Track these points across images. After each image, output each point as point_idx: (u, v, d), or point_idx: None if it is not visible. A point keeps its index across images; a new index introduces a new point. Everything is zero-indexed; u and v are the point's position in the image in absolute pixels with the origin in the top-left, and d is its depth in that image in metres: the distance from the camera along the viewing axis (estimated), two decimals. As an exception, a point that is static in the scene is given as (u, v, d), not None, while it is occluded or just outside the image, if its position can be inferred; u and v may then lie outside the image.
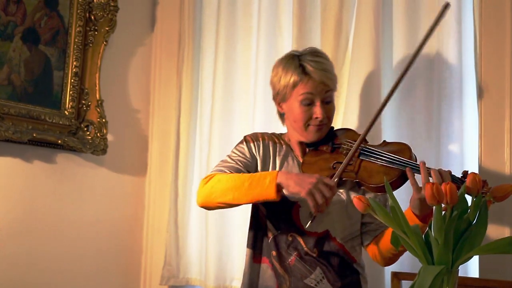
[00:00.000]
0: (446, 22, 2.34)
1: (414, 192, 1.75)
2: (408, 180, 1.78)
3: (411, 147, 1.89)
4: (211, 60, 2.93)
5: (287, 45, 2.64)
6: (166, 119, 3.08)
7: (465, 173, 1.76)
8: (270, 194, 1.80)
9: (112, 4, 2.86)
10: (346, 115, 2.43)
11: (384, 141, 2.00)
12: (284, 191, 1.82)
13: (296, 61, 1.95)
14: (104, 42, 2.85)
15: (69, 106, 2.73)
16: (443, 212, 1.41)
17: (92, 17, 2.83)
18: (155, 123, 3.11)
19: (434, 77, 2.37)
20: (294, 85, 1.93)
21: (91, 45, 2.82)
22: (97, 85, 2.83)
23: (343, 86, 2.47)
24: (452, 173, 1.77)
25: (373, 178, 1.84)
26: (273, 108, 2.62)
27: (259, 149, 2.01)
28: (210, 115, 2.88)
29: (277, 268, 1.94)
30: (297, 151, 2.03)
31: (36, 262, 2.60)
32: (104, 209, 2.89)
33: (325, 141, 1.99)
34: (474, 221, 1.43)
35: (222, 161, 2.02)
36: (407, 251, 1.52)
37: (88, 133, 2.80)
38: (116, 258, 2.95)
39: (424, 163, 1.76)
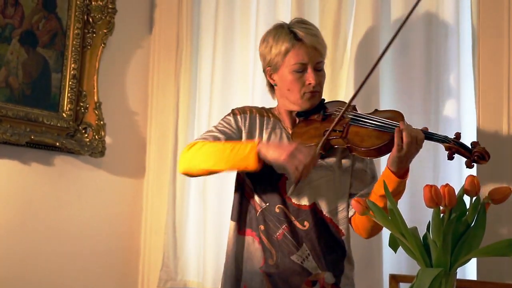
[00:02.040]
0: (443, 20, 2.35)
1: (395, 150, 1.76)
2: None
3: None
4: (209, 62, 2.93)
5: (285, 47, 2.64)
6: (164, 121, 3.08)
7: (457, 135, 1.79)
8: (250, 162, 1.80)
9: (110, 6, 2.86)
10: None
11: (376, 109, 2.00)
12: (265, 158, 1.81)
13: (286, 29, 1.95)
14: (102, 45, 2.85)
15: (67, 108, 2.73)
16: (442, 215, 1.41)
17: (90, 20, 2.83)
18: (153, 125, 3.11)
19: (432, 78, 2.37)
20: (286, 52, 1.92)
21: (89, 47, 2.82)
22: (95, 88, 2.83)
23: (342, 87, 2.47)
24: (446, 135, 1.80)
25: (365, 141, 1.84)
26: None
27: (245, 122, 2.01)
28: (208, 117, 2.88)
29: (264, 242, 1.93)
30: (287, 122, 2.02)
31: (34, 263, 2.60)
32: (102, 211, 2.89)
33: (316, 110, 1.98)
34: (473, 224, 1.43)
35: (207, 130, 2.03)
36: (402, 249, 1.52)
37: (86, 135, 2.80)
38: (113, 259, 2.95)
39: (399, 129, 1.77)
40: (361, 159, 1.96)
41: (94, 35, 2.83)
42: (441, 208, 1.40)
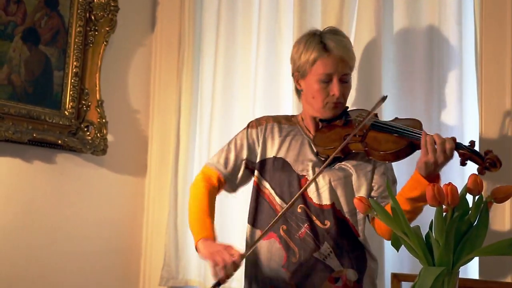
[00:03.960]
0: (446, 21, 2.34)
1: (422, 156, 1.80)
2: (415, 150, 1.86)
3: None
4: (211, 61, 2.93)
5: (287, 47, 2.63)
6: (166, 120, 3.08)
7: (472, 143, 1.82)
8: (195, 245, 1.98)
9: (112, 4, 2.86)
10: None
11: (396, 117, 2.05)
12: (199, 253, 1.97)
13: (318, 38, 2.00)
14: (105, 42, 2.85)
15: (69, 106, 2.73)
16: (444, 214, 1.41)
17: (93, 17, 2.83)
18: (155, 124, 3.11)
19: (434, 78, 2.37)
20: (314, 61, 1.97)
21: (91, 45, 2.82)
22: (97, 85, 2.83)
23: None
24: (458, 141, 1.83)
25: (382, 145, 1.89)
26: (273, 108, 2.64)
27: (260, 134, 2.10)
28: (210, 116, 2.88)
29: (287, 241, 1.98)
30: (311, 127, 2.08)
31: (35, 261, 2.60)
32: (103, 209, 2.89)
33: (339, 117, 2.04)
34: (475, 223, 1.43)
35: (221, 149, 2.16)
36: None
37: (88, 133, 2.79)
38: (115, 258, 2.94)
39: (425, 134, 1.82)
40: (381, 163, 2.00)
41: (96, 33, 2.83)
42: (443, 207, 1.40)
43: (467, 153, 1.80)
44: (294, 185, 2.00)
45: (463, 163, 1.81)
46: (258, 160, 2.09)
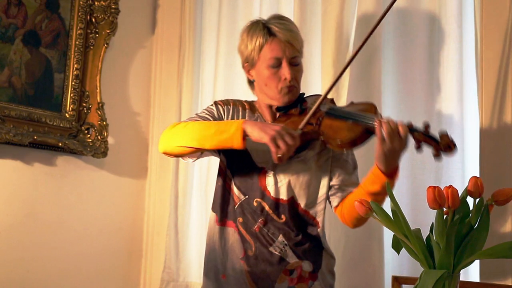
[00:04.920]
0: (446, 23, 2.35)
1: (379, 144, 1.77)
2: (371, 137, 1.83)
3: (413, 150, 1.88)
4: (211, 63, 2.93)
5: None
6: (166, 122, 3.08)
7: (426, 126, 1.78)
8: (235, 140, 1.82)
9: (113, 6, 2.86)
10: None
11: (352, 102, 2.03)
12: (250, 136, 1.83)
13: (261, 24, 1.97)
14: (105, 45, 2.85)
15: (70, 108, 2.73)
16: (445, 216, 1.41)
17: (93, 20, 2.83)
18: (155, 126, 3.11)
19: (434, 79, 2.37)
20: (261, 47, 1.94)
21: (92, 47, 2.82)
22: (98, 88, 2.83)
23: (344, 88, 2.47)
24: (413, 124, 1.80)
25: (338, 134, 1.86)
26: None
27: (228, 112, 2.03)
28: (210, 118, 2.88)
29: (243, 234, 1.97)
30: (267, 116, 2.05)
31: (35, 264, 2.60)
32: (104, 212, 2.89)
33: (295, 104, 2.00)
34: (476, 225, 1.42)
35: (189, 117, 2.05)
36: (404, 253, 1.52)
37: (88, 135, 2.80)
38: (115, 260, 2.94)
39: (379, 122, 1.78)
40: None
41: (97, 35, 2.83)
42: (444, 209, 1.40)
43: (421, 137, 1.77)
44: (254, 177, 1.97)
45: (417, 147, 1.78)
46: None
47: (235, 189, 1.99)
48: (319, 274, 1.97)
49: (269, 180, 1.96)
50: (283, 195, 1.96)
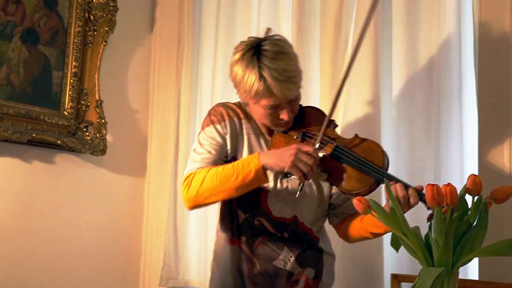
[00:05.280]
0: (445, 23, 2.34)
1: (387, 203, 1.73)
2: (380, 184, 1.80)
3: (411, 148, 1.89)
4: (210, 61, 2.93)
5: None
6: (165, 120, 3.08)
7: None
8: (260, 180, 1.80)
9: (111, 4, 2.86)
10: (345, 116, 2.43)
11: (356, 135, 1.94)
12: (270, 169, 1.80)
13: (256, 68, 1.81)
14: (104, 42, 2.84)
15: (68, 106, 2.73)
16: (443, 214, 1.41)
17: (92, 17, 2.83)
18: (154, 124, 3.11)
19: (433, 78, 2.37)
20: (256, 96, 1.83)
21: (90, 45, 2.82)
22: (97, 86, 2.83)
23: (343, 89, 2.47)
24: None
25: (346, 182, 1.82)
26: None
27: (226, 129, 1.96)
28: (209, 116, 2.87)
29: (247, 252, 1.95)
30: (263, 128, 1.99)
31: (34, 262, 2.59)
32: (103, 209, 2.88)
33: (294, 125, 1.94)
34: (474, 223, 1.42)
35: (195, 152, 1.96)
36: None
37: (87, 133, 2.79)
38: (115, 258, 2.94)
39: (394, 187, 1.74)
40: None
41: (95, 33, 2.83)
42: (443, 207, 1.40)
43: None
44: (255, 196, 1.92)
45: (429, 217, 1.68)
46: (230, 156, 1.97)
47: (237, 209, 1.97)
48: (322, 277, 1.97)
49: (271, 200, 1.93)
50: (286, 215, 1.94)
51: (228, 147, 1.96)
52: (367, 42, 2.40)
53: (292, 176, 1.89)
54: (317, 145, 1.84)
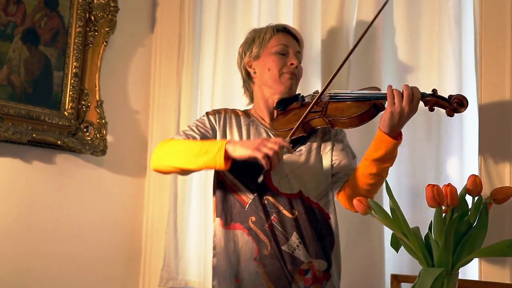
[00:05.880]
0: (445, 23, 2.34)
1: (388, 106, 1.81)
2: (378, 113, 1.88)
3: (412, 149, 1.89)
4: (211, 61, 2.93)
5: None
6: (165, 120, 3.08)
7: (434, 90, 1.84)
8: (218, 162, 1.81)
9: (112, 4, 2.86)
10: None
11: (352, 91, 2.04)
12: (232, 156, 1.81)
13: (267, 27, 2.11)
14: (104, 43, 2.85)
15: (69, 106, 2.73)
16: (444, 214, 1.41)
17: (92, 18, 2.83)
18: (154, 124, 3.11)
19: (433, 77, 2.37)
20: (269, 39, 2.06)
21: (91, 45, 2.82)
22: (97, 86, 2.83)
23: (342, 88, 2.47)
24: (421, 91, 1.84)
25: (345, 112, 1.89)
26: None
27: (219, 121, 2.06)
28: (209, 116, 2.88)
29: (257, 233, 1.95)
30: (266, 117, 2.08)
31: (35, 262, 2.60)
32: (103, 210, 2.89)
33: (294, 99, 2.05)
34: (475, 224, 1.42)
35: (183, 129, 2.06)
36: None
37: (87, 134, 2.79)
38: (115, 259, 2.94)
39: (391, 86, 1.83)
40: (340, 140, 2.04)
41: (96, 33, 2.83)
42: (443, 208, 1.40)
43: (433, 99, 1.82)
44: (259, 174, 1.92)
45: (431, 109, 1.83)
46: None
47: (241, 191, 1.98)
48: (331, 273, 1.96)
49: (275, 177, 1.96)
50: (292, 190, 1.96)
51: (218, 137, 2.03)
52: (368, 42, 2.41)
53: (287, 154, 1.92)
54: (318, 96, 1.93)
